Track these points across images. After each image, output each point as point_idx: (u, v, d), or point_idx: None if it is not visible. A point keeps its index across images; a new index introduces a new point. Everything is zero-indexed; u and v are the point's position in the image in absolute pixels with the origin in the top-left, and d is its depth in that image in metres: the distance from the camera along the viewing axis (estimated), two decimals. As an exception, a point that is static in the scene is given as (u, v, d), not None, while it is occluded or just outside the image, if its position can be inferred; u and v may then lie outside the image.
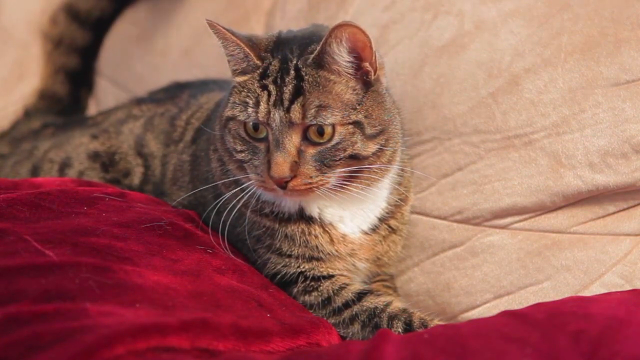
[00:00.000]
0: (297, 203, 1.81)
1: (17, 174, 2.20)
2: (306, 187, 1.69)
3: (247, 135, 1.73)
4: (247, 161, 1.74)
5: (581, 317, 1.53)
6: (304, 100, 1.68)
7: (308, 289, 1.84)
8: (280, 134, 1.68)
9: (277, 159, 1.67)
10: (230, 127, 1.76)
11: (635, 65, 1.84)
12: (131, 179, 2.10)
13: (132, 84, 2.63)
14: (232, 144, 1.75)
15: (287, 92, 1.69)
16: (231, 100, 1.76)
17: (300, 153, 1.69)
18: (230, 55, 1.76)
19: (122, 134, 2.15)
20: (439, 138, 1.99)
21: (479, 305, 1.93)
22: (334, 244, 1.83)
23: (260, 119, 1.70)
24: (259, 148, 1.72)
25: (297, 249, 1.83)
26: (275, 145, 1.68)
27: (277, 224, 1.82)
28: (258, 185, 1.73)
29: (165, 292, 1.57)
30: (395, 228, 1.91)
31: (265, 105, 1.69)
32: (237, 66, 1.77)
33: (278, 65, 1.72)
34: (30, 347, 1.38)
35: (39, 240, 1.61)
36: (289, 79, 1.70)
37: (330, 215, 1.83)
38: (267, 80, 1.71)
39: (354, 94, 1.72)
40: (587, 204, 1.88)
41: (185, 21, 2.57)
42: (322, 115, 1.68)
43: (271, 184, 1.69)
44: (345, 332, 1.80)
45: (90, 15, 2.69)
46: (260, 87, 1.71)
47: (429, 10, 2.07)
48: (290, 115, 1.68)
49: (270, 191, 1.73)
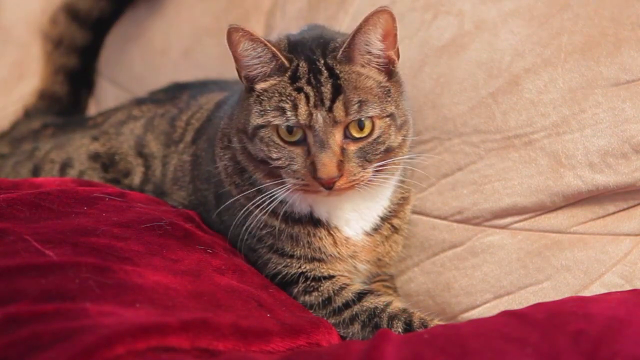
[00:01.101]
0: (309, 205, 1.80)
1: (18, 174, 2.20)
2: (350, 184, 1.69)
3: (281, 140, 1.71)
4: (285, 167, 1.71)
5: (581, 317, 1.52)
6: (344, 98, 1.67)
7: (308, 289, 1.84)
8: (324, 135, 1.67)
9: (324, 159, 1.66)
10: (261, 135, 1.72)
11: (635, 65, 1.84)
12: (131, 179, 2.10)
13: (132, 84, 2.63)
14: (266, 152, 1.72)
15: (326, 91, 1.68)
16: (258, 108, 1.72)
17: (343, 151, 1.69)
18: (257, 57, 1.72)
19: (123, 134, 2.15)
20: (439, 138, 1.99)
21: (479, 305, 1.93)
22: (336, 246, 1.83)
23: (301, 122, 1.67)
24: (295, 152, 1.70)
25: (300, 250, 1.83)
26: (320, 146, 1.67)
27: (285, 225, 1.82)
28: (297, 189, 1.71)
29: (165, 292, 1.57)
30: (397, 227, 1.91)
31: (306, 108, 1.67)
32: (257, 71, 1.73)
33: (307, 66, 1.71)
34: (30, 347, 1.37)
35: (39, 240, 1.61)
36: (324, 78, 1.69)
37: (337, 218, 1.83)
38: (300, 82, 1.69)
39: (383, 86, 1.73)
40: (587, 204, 1.88)
41: (185, 21, 2.57)
42: (364, 109, 1.68)
43: (316, 186, 1.68)
44: (345, 332, 1.80)
45: (90, 15, 2.69)
46: (295, 90, 1.69)
47: (429, 10, 2.07)
48: (333, 114, 1.67)
49: (312, 193, 1.71)
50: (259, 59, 1.72)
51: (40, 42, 2.71)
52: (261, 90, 1.73)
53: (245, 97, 1.78)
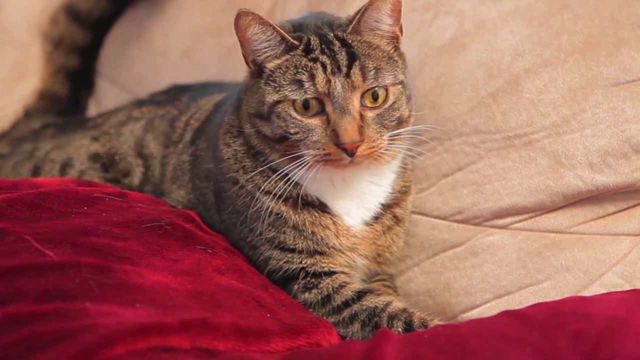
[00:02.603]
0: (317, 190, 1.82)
1: (18, 174, 2.20)
2: (371, 151, 1.72)
3: (298, 113, 1.73)
4: (304, 139, 1.73)
5: (581, 317, 1.53)
6: (360, 64, 1.72)
7: (308, 286, 1.84)
8: (343, 100, 1.70)
9: (345, 125, 1.69)
10: (278, 111, 1.74)
11: (635, 65, 1.84)
12: (131, 179, 2.11)
13: (132, 84, 2.63)
14: (284, 128, 1.73)
15: (342, 58, 1.71)
16: (272, 85, 1.74)
17: (362, 117, 1.72)
18: (266, 41, 1.75)
19: (123, 135, 2.15)
20: (439, 138, 1.99)
21: (479, 305, 1.94)
22: (338, 237, 1.84)
23: (319, 90, 1.70)
24: (313, 124, 1.72)
25: (302, 242, 1.83)
26: (340, 112, 1.70)
27: (293, 211, 1.82)
28: (317, 160, 1.72)
29: (166, 292, 1.57)
30: (399, 218, 1.92)
31: (323, 75, 1.71)
32: (267, 54, 1.76)
33: (318, 40, 1.74)
34: (30, 347, 1.38)
35: (39, 240, 1.61)
36: (337, 47, 1.73)
37: (341, 203, 1.84)
38: (314, 53, 1.73)
39: (391, 56, 1.78)
40: (587, 204, 1.88)
41: (185, 21, 2.57)
42: (380, 77, 1.73)
43: (339, 154, 1.70)
44: (345, 331, 1.80)
45: (90, 16, 2.69)
46: (311, 61, 1.72)
47: (429, 10, 2.07)
48: (351, 80, 1.70)
49: (334, 164, 1.73)
50: (267, 42, 1.75)
51: (40, 42, 2.71)
52: (273, 69, 1.76)
53: (253, 82, 1.80)
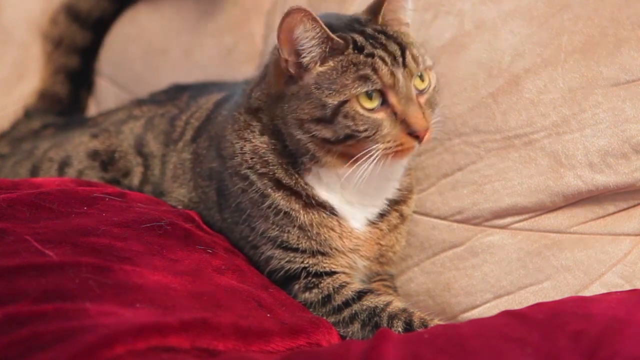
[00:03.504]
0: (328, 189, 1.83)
1: (17, 173, 2.20)
2: (430, 134, 1.76)
3: (364, 109, 1.73)
4: (372, 135, 1.73)
5: (581, 317, 1.53)
6: (410, 52, 1.76)
7: (309, 285, 1.84)
8: (407, 90, 1.73)
9: (414, 113, 1.72)
10: (345, 111, 1.73)
11: (635, 65, 1.84)
12: (131, 179, 2.10)
13: (132, 84, 2.63)
14: (353, 127, 1.73)
15: (394, 49, 1.74)
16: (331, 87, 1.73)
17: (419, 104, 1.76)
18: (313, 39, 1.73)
19: (122, 133, 2.15)
20: (439, 138, 1.99)
21: (479, 305, 1.94)
22: (342, 239, 1.84)
23: (386, 83, 1.72)
24: (380, 118, 1.73)
25: (306, 242, 1.83)
26: (406, 102, 1.72)
27: (302, 210, 1.82)
28: (389, 152, 1.73)
29: (166, 292, 1.57)
30: (405, 216, 1.92)
31: (386, 68, 1.72)
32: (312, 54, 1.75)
33: (362, 38, 1.76)
34: (30, 347, 1.38)
35: (39, 240, 1.61)
36: (384, 40, 1.76)
37: (347, 208, 1.85)
38: (367, 50, 1.74)
39: (415, 42, 1.82)
40: (587, 204, 1.88)
41: (185, 21, 2.57)
42: (424, 60, 1.78)
43: (410, 142, 1.73)
44: (345, 331, 1.80)
45: (90, 16, 2.69)
46: (368, 56, 1.74)
47: (429, 10, 2.07)
48: (409, 68, 1.74)
49: (404, 153, 1.75)
50: (314, 40, 1.74)
51: (41, 42, 2.71)
52: (324, 71, 1.75)
53: (296, 87, 1.77)
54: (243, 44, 2.43)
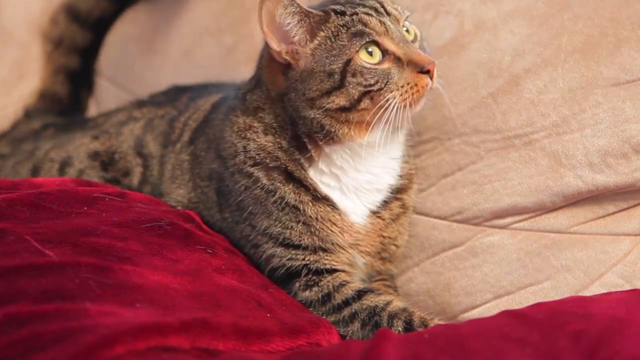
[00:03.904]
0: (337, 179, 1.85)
1: (18, 174, 2.20)
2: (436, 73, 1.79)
3: (370, 64, 1.76)
4: (385, 86, 1.75)
5: (581, 317, 1.53)
6: (387, 4, 1.83)
7: (309, 283, 1.84)
8: (399, 33, 1.79)
9: (416, 51, 1.78)
10: (352, 70, 1.75)
11: (635, 65, 1.84)
12: (130, 179, 2.11)
13: (132, 84, 2.63)
14: (364, 82, 1.75)
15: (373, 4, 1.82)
16: (331, 52, 1.77)
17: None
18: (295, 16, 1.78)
19: (122, 134, 2.15)
20: (439, 138, 1.99)
21: (479, 305, 1.94)
22: (342, 233, 1.85)
23: (379, 31, 1.77)
24: (386, 68, 1.76)
25: (308, 238, 1.84)
26: (405, 44, 1.78)
27: (311, 202, 1.83)
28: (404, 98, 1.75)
29: (166, 292, 1.57)
30: (407, 205, 1.93)
31: (374, 18, 1.79)
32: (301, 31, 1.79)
33: (339, 5, 1.82)
34: (30, 347, 1.38)
35: (39, 240, 1.61)
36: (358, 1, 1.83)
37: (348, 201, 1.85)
38: (349, 11, 1.80)
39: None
40: (587, 204, 1.88)
41: (185, 21, 2.57)
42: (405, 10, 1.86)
43: (423, 80, 1.76)
44: (345, 330, 1.80)
45: (90, 16, 2.69)
46: (353, 15, 1.79)
47: (429, 10, 2.07)
48: (393, 15, 1.81)
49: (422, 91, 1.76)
50: (297, 16, 1.78)
51: (41, 42, 2.71)
52: (315, 47, 1.79)
53: (295, 75, 1.80)
54: (243, 44, 2.43)
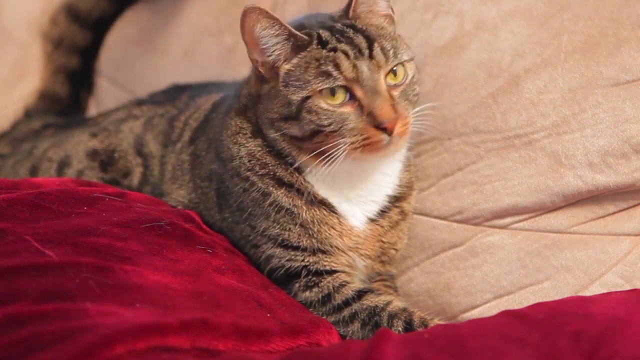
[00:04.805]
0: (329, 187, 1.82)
1: (17, 173, 2.20)
2: (404, 128, 1.74)
3: (329, 105, 1.73)
4: (338, 129, 1.73)
5: (581, 317, 1.53)
6: (379, 45, 1.74)
7: (309, 284, 1.84)
8: (372, 82, 1.72)
9: (381, 105, 1.70)
10: (308, 107, 1.74)
11: (635, 65, 1.84)
12: (130, 180, 2.10)
13: (132, 84, 2.63)
14: (316, 122, 1.73)
15: (360, 42, 1.74)
16: (295, 84, 1.74)
17: (391, 96, 1.74)
18: (274, 36, 1.75)
19: (122, 132, 2.15)
20: (439, 138, 1.99)
21: (479, 305, 1.94)
22: (342, 237, 1.84)
23: (348, 77, 1.72)
24: (346, 112, 1.73)
25: (306, 240, 1.83)
26: (373, 94, 1.71)
27: (305, 206, 1.82)
28: (355, 147, 1.72)
29: (166, 292, 1.57)
30: (406, 212, 1.92)
31: (348, 62, 1.72)
32: (277, 52, 1.76)
33: (328, 33, 1.76)
34: (30, 347, 1.38)
35: (39, 240, 1.61)
36: (351, 33, 1.75)
37: (346, 206, 1.85)
38: (330, 44, 1.74)
39: (394, 35, 1.81)
40: (587, 204, 1.88)
41: (185, 21, 2.57)
42: (399, 54, 1.76)
43: (377, 135, 1.71)
44: (345, 331, 1.80)
45: (90, 16, 2.69)
46: (331, 51, 1.74)
47: (429, 10, 2.07)
48: (376, 60, 1.73)
49: (373, 147, 1.73)
50: (277, 38, 1.75)
51: (41, 42, 2.71)
52: (289, 69, 1.76)
53: (268, 87, 1.80)
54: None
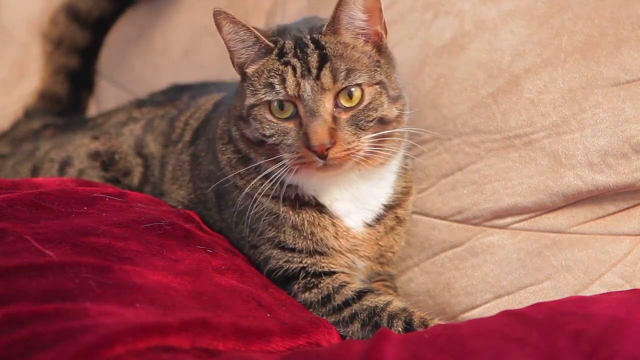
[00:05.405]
0: (314, 189, 1.81)
1: (18, 174, 2.20)
2: (345, 153, 1.71)
3: (274, 116, 1.74)
4: (279, 143, 1.74)
5: (581, 317, 1.53)
6: (331, 65, 1.72)
7: (308, 285, 1.84)
8: (313, 103, 1.70)
9: (315, 127, 1.68)
10: (255, 114, 1.76)
11: (635, 65, 1.84)
12: (131, 179, 2.11)
13: (132, 84, 2.63)
14: (260, 130, 1.75)
15: (313, 61, 1.72)
16: (250, 88, 1.77)
17: (335, 119, 1.71)
18: (241, 41, 1.77)
19: (122, 135, 2.15)
20: (439, 138, 1.99)
21: (479, 305, 1.94)
22: (337, 238, 1.84)
23: (289, 93, 1.71)
24: (288, 127, 1.73)
25: (302, 242, 1.83)
26: (310, 115, 1.70)
27: (292, 211, 1.82)
28: (294, 163, 1.72)
29: (166, 292, 1.57)
30: (401, 218, 1.91)
31: (293, 79, 1.71)
32: (245, 56, 1.78)
33: (293, 43, 1.76)
34: (30, 347, 1.38)
35: (39, 240, 1.61)
36: (310, 50, 1.74)
37: (340, 208, 1.84)
38: (286, 57, 1.74)
39: (371, 56, 1.77)
40: (587, 204, 1.88)
41: (185, 21, 2.58)
42: (352, 77, 1.72)
43: (310, 157, 1.70)
44: (345, 331, 1.80)
45: (90, 16, 2.69)
46: (283, 64, 1.73)
47: (429, 10, 2.07)
48: (321, 82, 1.71)
49: (308, 166, 1.72)
50: (242, 42, 1.78)
51: (41, 42, 2.71)
52: (251, 73, 1.78)
53: (240, 85, 1.83)
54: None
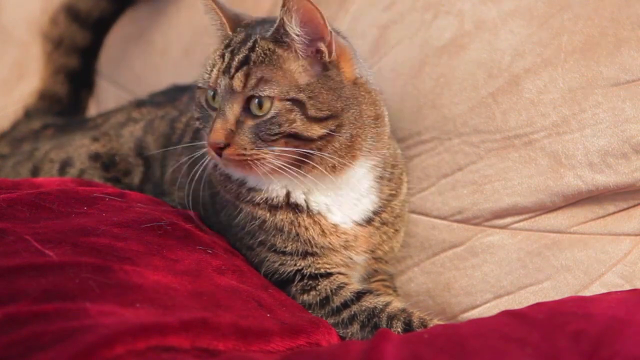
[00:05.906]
0: (284, 188, 1.81)
1: (18, 174, 2.20)
2: (240, 158, 1.71)
3: (206, 103, 1.78)
4: (202, 129, 1.80)
5: (581, 317, 1.53)
6: (247, 70, 1.72)
7: (306, 288, 1.83)
8: (223, 101, 1.73)
9: (215, 125, 1.71)
10: (197, 95, 1.82)
11: (635, 65, 1.84)
12: (131, 178, 2.11)
13: (132, 84, 2.63)
14: (194, 112, 1.82)
15: (236, 60, 1.74)
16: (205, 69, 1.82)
17: (238, 123, 1.72)
18: (215, 24, 1.84)
19: (123, 137, 2.15)
20: (439, 138, 1.99)
21: (479, 305, 1.94)
22: (326, 236, 1.82)
23: (210, 84, 1.76)
24: (211, 116, 1.76)
25: (291, 244, 1.82)
26: (218, 112, 1.73)
27: (269, 213, 1.82)
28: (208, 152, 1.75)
29: (166, 292, 1.57)
30: (385, 221, 1.90)
31: (216, 72, 1.76)
32: (218, 38, 1.84)
33: (242, 38, 1.78)
34: (30, 347, 1.38)
35: (39, 240, 1.62)
36: (244, 49, 1.75)
37: (316, 203, 1.82)
38: (227, 49, 1.77)
39: (302, 72, 1.73)
40: (587, 204, 1.88)
41: (185, 21, 2.58)
42: (261, 87, 1.70)
43: (210, 150, 1.74)
44: (344, 332, 1.80)
45: (90, 16, 2.69)
46: (220, 56, 1.77)
47: (429, 10, 2.07)
48: (232, 83, 1.72)
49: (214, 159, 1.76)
50: (218, 26, 1.84)
51: (41, 42, 2.71)
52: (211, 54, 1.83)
53: None
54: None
